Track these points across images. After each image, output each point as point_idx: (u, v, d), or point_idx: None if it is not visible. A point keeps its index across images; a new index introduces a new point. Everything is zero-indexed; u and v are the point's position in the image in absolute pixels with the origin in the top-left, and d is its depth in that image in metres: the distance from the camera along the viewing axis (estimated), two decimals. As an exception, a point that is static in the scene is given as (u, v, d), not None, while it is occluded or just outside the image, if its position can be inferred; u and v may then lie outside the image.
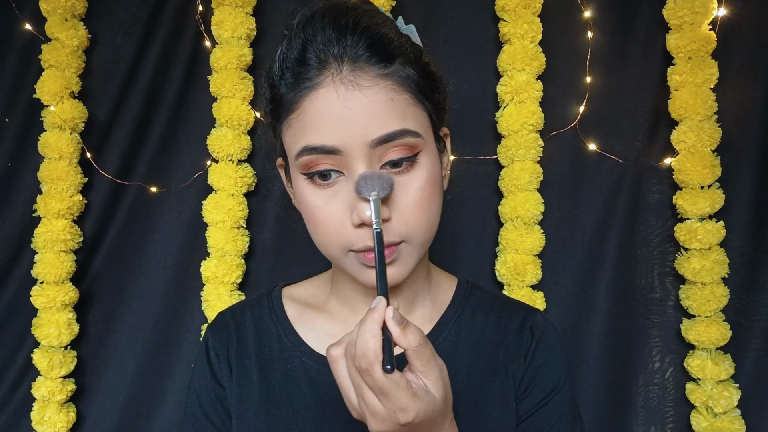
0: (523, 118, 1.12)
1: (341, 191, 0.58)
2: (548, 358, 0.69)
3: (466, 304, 0.73)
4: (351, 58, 0.57)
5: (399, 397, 0.48)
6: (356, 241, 0.58)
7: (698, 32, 1.10)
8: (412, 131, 0.57)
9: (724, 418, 1.11)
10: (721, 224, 1.11)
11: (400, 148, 0.57)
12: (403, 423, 0.48)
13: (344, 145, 0.56)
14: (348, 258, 0.60)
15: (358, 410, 0.51)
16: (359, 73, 0.56)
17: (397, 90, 0.57)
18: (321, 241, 0.62)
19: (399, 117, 0.57)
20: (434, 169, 0.60)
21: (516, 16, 1.13)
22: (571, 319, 1.17)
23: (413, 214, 0.58)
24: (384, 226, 0.57)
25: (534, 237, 1.13)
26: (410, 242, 0.59)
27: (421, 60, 0.62)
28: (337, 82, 0.56)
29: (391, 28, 0.61)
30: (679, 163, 1.13)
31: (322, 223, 0.59)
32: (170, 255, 1.22)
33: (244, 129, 1.17)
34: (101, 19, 1.23)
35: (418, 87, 0.59)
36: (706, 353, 1.12)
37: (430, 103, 0.61)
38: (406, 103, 0.58)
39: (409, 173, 0.58)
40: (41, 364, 1.17)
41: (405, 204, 0.58)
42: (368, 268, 0.59)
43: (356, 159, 0.56)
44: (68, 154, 1.18)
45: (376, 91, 0.56)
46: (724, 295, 1.11)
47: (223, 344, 0.73)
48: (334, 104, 0.56)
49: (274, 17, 1.22)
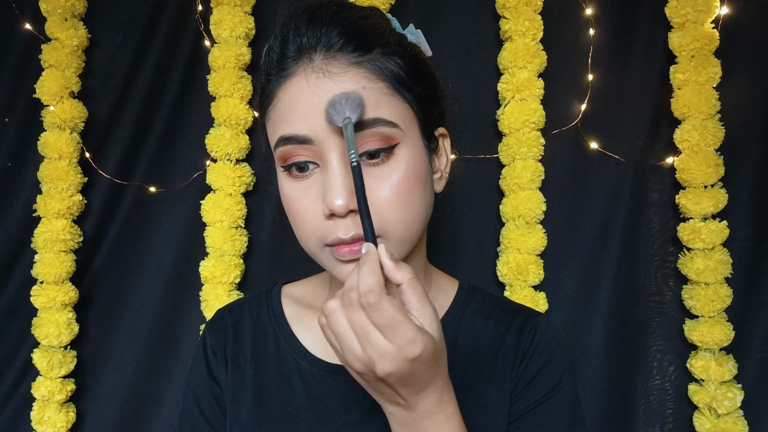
0: (524, 116, 1.12)
1: (316, 183, 0.57)
2: (547, 360, 0.67)
3: (466, 308, 0.72)
4: (325, 46, 0.56)
5: (408, 329, 0.46)
6: (328, 233, 0.56)
7: (701, 30, 1.09)
8: (386, 120, 0.56)
9: (727, 419, 1.10)
10: (724, 224, 1.10)
11: (374, 138, 0.56)
12: (411, 357, 0.47)
13: (316, 133, 0.55)
14: (324, 253, 0.59)
15: (362, 359, 0.48)
16: (331, 61, 0.56)
17: (371, 78, 0.56)
18: (299, 236, 0.61)
19: (371, 105, 0.55)
20: (415, 164, 0.58)
21: (517, 13, 1.12)
22: (573, 319, 1.16)
23: (388, 208, 0.56)
24: (357, 218, 0.55)
25: (536, 236, 1.13)
26: (387, 239, 0.57)
27: (408, 53, 0.60)
28: (308, 71, 0.56)
29: (375, 22, 0.60)
30: (681, 162, 1.12)
31: (299, 216, 0.58)
32: (169, 255, 1.22)
33: (242, 128, 1.17)
34: (101, 19, 1.23)
35: (398, 78, 0.58)
36: (709, 354, 1.11)
37: (413, 96, 0.59)
38: (380, 92, 0.56)
39: (385, 165, 0.56)
40: (41, 364, 1.17)
41: (379, 197, 0.56)
42: (342, 263, 0.57)
43: (329, 149, 0.55)
44: (68, 154, 1.18)
45: (347, 78, 0.55)
46: (728, 296, 1.10)
47: (220, 342, 0.73)
48: (304, 92, 0.55)
49: (272, 16, 1.21)
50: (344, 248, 0.56)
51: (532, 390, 0.66)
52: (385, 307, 0.46)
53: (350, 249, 0.56)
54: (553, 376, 0.67)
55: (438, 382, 0.51)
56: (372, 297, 0.46)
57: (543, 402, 0.66)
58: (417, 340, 0.47)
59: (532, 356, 0.67)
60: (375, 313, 0.46)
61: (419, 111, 0.60)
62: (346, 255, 0.56)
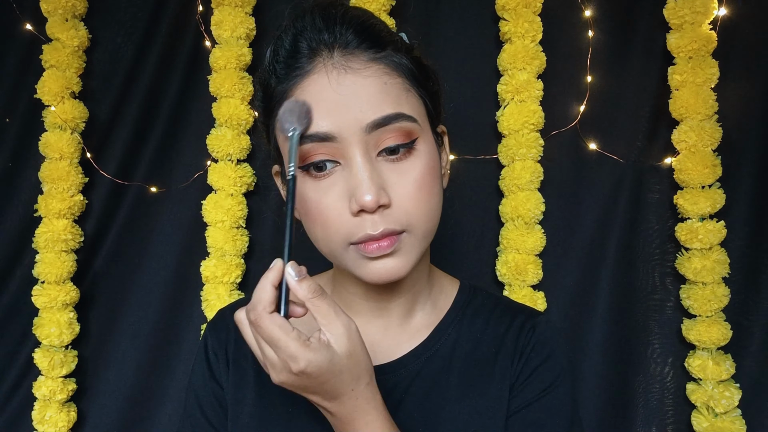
0: (523, 117, 1.12)
1: (338, 181, 0.56)
2: (545, 358, 0.67)
3: (467, 308, 0.72)
4: (342, 44, 0.56)
5: (288, 345, 0.49)
6: (356, 230, 0.56)
7: (699, 32, 1.10)
8: (408, 116, 0.56)
9: (725, 418, 1.10)
10: (722, 224, 1.11)
11: (396, 134, 0.56)
12: (295, 372, 0.50)
13: (339, 130, 0.55)
14: (348, 253, 0.58)
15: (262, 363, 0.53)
16: (350, 57, 0.56)
17: (391, 74, 0.57)
18: (319, 237, 0.60)
19: (393, 101, 0.56)
20: (432, 159, 0.59)
21: (516, 15, 1.13)
22: (572, 319, 1.17)
23: (413, 201, 0.56)
24: (384, 214, 0.55)
25: (535, 237, 1.13)
26: (412, 232, 0.57)
27: (413, 53, 0.61)
28: (329, 67, 0.56)
29: (380, 22, 0.61)
30: (679, 163, 1.12)
31: (320, 216, 0.57)
32: (170, 255, 1.22)
33: (243, 129, 1.17)
34: (101, 19, 1.24)
35: (412, 74, 0.59)
36: (707, 353, 1.12)
37: (425, 91, 0.60)
38: (400, 87, 0.57)
39: (407, 160, 0.57)
40: (42, 363, 1.17)
41: (405, 191, 0.56)
42: (370, 260, 0.57)
43: (352, 145, 0.55)
44: (69, 154, 1.18)
45: (369, 73, 0.55)
46: (725, 295, 1.11)
47: (221, 344, 0.73)
48: (326, 89, 0.55)
49: (273, 17, 1.22)
50: (372, 244, 0.56)
51: (528, 387, 0.66)
52: (264, 324, 0.49)
53: (379, 245, 0.56)
54: (551, 374, 0.66)
55: (350, 393, 0.53)
56: (253, 315, 0.50)
57: (539, 399, 0.66)
58: (299, 357, 0.49)
59: (529, 354, 0.67)
60: (258, 329, 0.50)
61: (431, 106, 0.61)
62: (375, 251, 0.56)
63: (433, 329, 0.69)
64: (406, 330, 0.68)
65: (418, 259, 0.60)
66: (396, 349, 0.67)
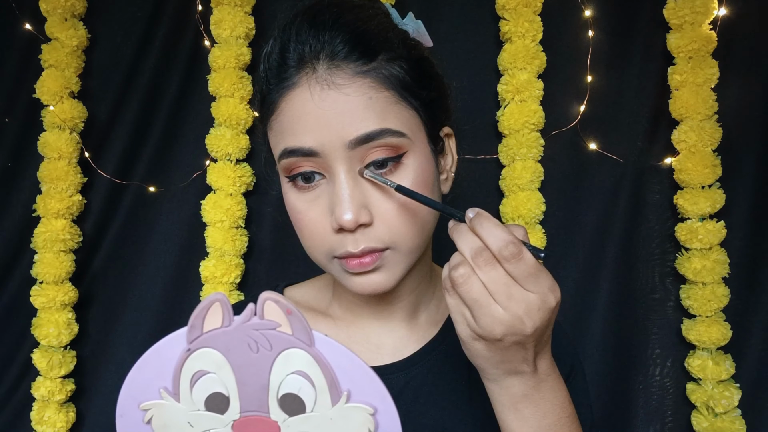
0: (524, 117, 1.12)
1: (323, 195, 0.56)
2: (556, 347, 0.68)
3: None
4: (328, 55, 0.55)
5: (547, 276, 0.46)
6: (337, 246, 0.55)
7: (699, 32, 1.10)
8: (394, 131, 0.55)
9: (724, 418, 1.10)
10: (721, 224, 1.11)
11: (382, 149, 0.54)
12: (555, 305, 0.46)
13: (322, 146, 0.54)
14: (333, 265, 0.58)
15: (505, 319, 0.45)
16: (335, 71, 0.54)
17: (377, 88, 0.55)
18: (307, 247, 0.60)
19: (378, 116, 0.54)
20: (423, 171, 0.57)
21: (517, 14, 1.13)
22: (572, 318, 1.17)
23: (397, 219, 0.55)
24: (366, 231, 0.54)
25: (535, 237, 1.13)
26: (396, 249, 0.56)
27: (412, 55, 0.59)
28: (312, 81, 0.54)
29: (378, 23, 0.59)
30: (679, 163, 1.12)
31: (306, 228, 0.57)
32: (169, 255, 1.22)
33: (242, 128, 1.17)
34: (101, 19, 1.23)
35: (403, 84, 0.57)
36: (706, 353, 1.12)
37: (419, 101, 0.58)
38: (387, 101, 0.55)
39: (393, 175, 0.55)
40: (41, 364, 1.17)
41: (388, 208, 0.55)
42: (352, 275, 0.57)
43: (336, 161, 0.54)
44: (68, 154, 1.18)
45: (353, 90, 0.54)
46: (725, 295, 1.11)
47: None
48: (308, 104, 0.54)
49: (272, 16, 1.21)
50: (354, 261, 0.55)
51: None
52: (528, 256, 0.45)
53: (360, 262, 0.55)
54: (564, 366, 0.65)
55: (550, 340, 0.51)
56: (514, 247, 0.45)
57: None
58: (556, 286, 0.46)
59: None
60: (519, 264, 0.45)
61: (425, 116, 0.59)
62: (356, 268, 0.55)
63: (441, 326, 0.69)
64: (413, 329, 0.68)
65: (405, 273, 0.59)
66: (404, 349, 0.67)
